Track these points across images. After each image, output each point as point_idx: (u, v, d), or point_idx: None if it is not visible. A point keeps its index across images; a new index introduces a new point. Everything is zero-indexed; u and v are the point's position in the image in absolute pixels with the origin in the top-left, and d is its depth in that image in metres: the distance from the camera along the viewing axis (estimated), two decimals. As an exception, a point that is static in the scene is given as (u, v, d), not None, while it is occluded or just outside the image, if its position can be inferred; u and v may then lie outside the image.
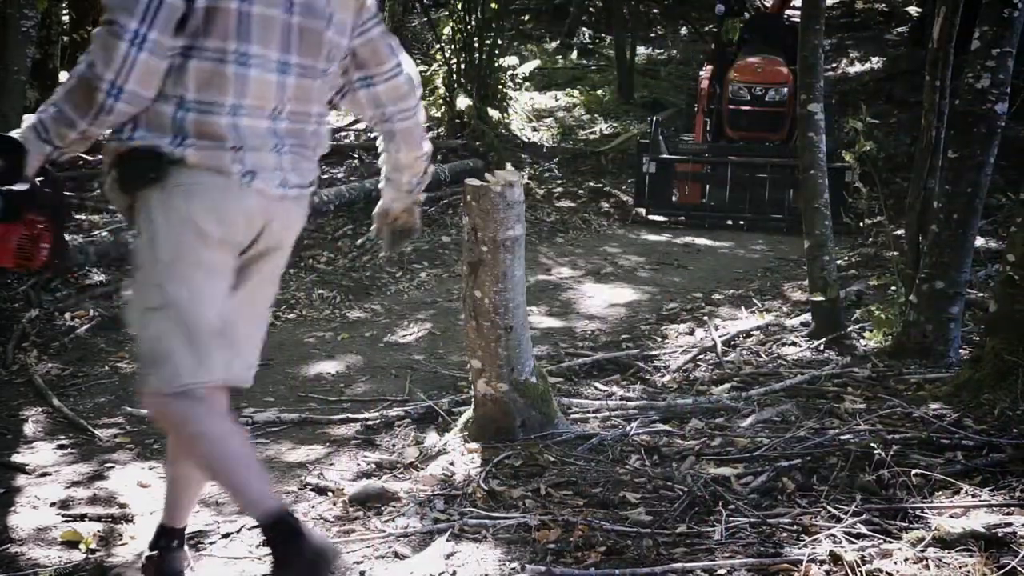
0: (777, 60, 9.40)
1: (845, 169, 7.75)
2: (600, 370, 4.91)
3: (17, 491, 3.67)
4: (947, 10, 4.72)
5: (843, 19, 17.20)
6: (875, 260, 7.27)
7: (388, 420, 4.25)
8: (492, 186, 3.54)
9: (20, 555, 3.15)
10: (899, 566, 2.53)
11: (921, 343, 4.54)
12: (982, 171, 4.34)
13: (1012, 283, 3.83)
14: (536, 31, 18.28)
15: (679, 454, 3.56)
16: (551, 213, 9.11)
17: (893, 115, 11.63)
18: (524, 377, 3.70)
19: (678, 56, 16.37)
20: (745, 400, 4.16)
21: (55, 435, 4.31)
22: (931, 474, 3.09)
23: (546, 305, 6.46)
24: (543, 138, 11.99)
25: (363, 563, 2.91)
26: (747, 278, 7.24)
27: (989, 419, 3.57)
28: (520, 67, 13.71)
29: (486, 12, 11.32)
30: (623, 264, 7.62)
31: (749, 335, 5.38)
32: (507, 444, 3.63)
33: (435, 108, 11.85)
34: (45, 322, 5.69)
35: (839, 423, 3.77)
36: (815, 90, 5.29)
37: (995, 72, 4.24)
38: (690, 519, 2.97)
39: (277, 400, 4.68)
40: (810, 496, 3.09)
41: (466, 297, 3.69)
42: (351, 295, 6.54)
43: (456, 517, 3.07)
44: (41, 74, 9.38)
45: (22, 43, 6.68)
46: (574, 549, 2.79)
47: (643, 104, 13.79)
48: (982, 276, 5.98)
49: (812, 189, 5.28)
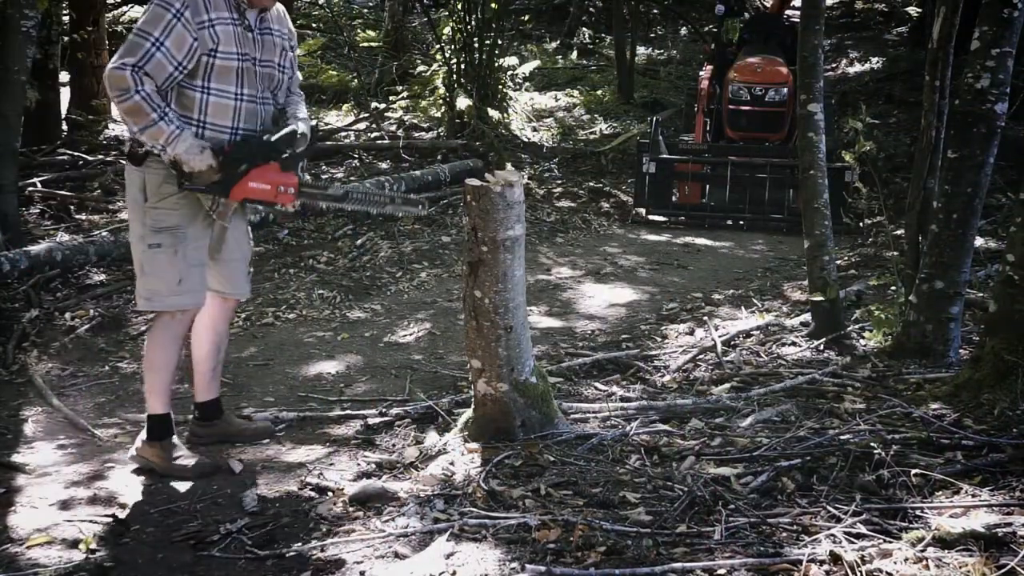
0: (777, 60, 9.40)
1: (845, 169, 7.77)
2: (600, 370, 4.91)
3: (17, 491, 3.68)
4: (947, 10, 4.72)
5: (843, 19, 17.21)
6: (875, 260, 7.27)
7: (388, 420, 4.26)
8: (492, 186, 3.54)
9: (20, 555, 3.15)
10: (899, 566, 2.54)
11: (921, 343, 4.54)
12: (982, 171, 4.34)
13: (1012, 283, 3.83)
14: (536, 31, 18.29)
15: (679, 454, 3.56)
16: (551, 213, 9.11)
17: (893, 115, 11.64)
18: (524, 377, 3.71)
19: (678, 56, 16.38)
20: (745, 400, 4.16)
21: (55, 435, 4.32)
22: (931, 474, 3.09)
23: (546, 305, 6.46)
24: (543, 138, 11.99)
25: (363, 563, 2.91)
26: (747, 278, 7.24)
27: (989, 419, 3.57)
28: (520, 67, 13.71)
29: (486, 12, 11.33)
30: (623, 264, 7.62)
31: (749, 335, 5.38)
32: (507, 444, 3.63)
33: (435, 108, 11.87)
34: (45, 322, 5.70)
35: (839, 423, 3.77)
36: (815, 90, 5.29)
37: (995, 72, 4.24)
38: (690, 519, 2.97)
39: (277, 400, 4.69)
40: (810, 496, 3.09)
41: (466, 297, 3.69)
42: (351, 295, 6.54)
43: (456, 517, 3.07)
44: (41, 74, 9.38)
45: (22, 43, 6.68)
46: (574, 549, 2.80)
47: (643, 104, 13.80)
48: (982, 276, 5.98)
49: (812, 189, 5.28)
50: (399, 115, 12.12)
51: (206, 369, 4.05)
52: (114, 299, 6.12)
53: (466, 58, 11.43)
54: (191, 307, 3.76)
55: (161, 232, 3.62)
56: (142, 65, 3.43)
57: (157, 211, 3.62)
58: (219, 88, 3.60)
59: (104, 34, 11.11)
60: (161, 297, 3.69)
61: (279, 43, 3.77)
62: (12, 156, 6.79)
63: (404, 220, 8.16)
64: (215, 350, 4.05)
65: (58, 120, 10.25)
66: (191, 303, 3.74)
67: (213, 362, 4.05)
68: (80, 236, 7.10)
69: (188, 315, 3.79)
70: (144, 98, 3.43)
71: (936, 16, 4.78)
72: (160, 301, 3.70)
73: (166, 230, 3.62)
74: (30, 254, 6.06)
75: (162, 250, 3.62)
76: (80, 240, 6.65)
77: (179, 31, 3.46)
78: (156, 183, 3.60)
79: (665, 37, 18.07)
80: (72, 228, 7.63)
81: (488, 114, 11.31)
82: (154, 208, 3.61)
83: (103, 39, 11.01)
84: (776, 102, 9.20)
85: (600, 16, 18.89)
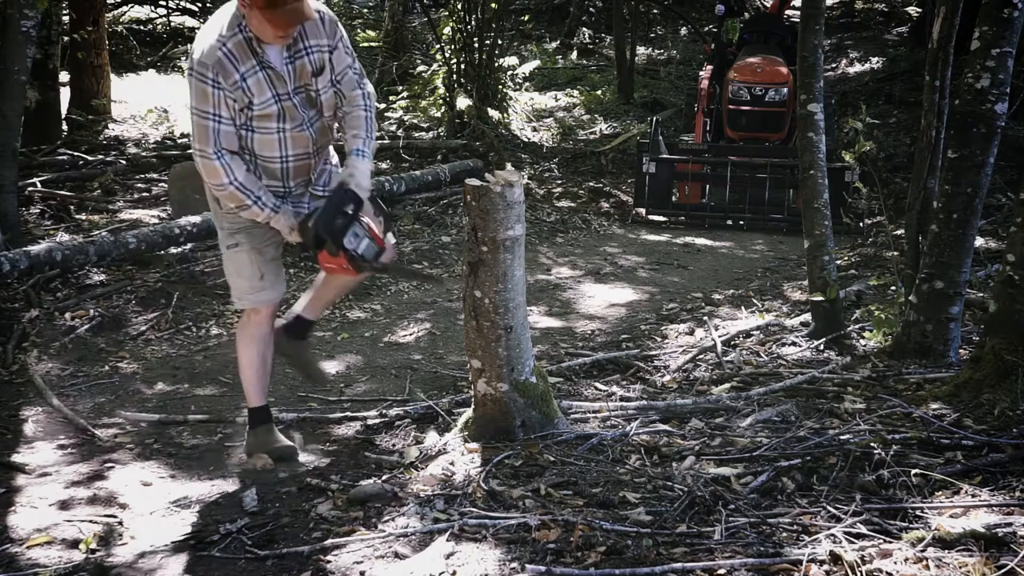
0: (777, 60, 9.40)
1: (845, 169, 7.79)
2: (600, 370, 4.91)
3: (17, 491, 3.68)
4: (947, 10, 4.71)
5: (843, 19, 17.21)
6: (875, 260, 7.26)
7: (388, 420, 4.26)
8: (492, 186, 3.54)
9: (20, 555, 3.15)
10: (899, 566, 2.54)
11: (921, 343, 4.54)
12: (982, 171, 4.34)
13: (1012, 283, 3.83)
14: (536, 31, 18.28)
15: (679, 454, 3.56)
16: (551, 213, 9.11)
17: (893, 115, 11.63)
18: (524, 377, 3.71)
19: (678, 56, 16.37)
20: (745, 400, 4.16)
21: (55, 435, 4.32)
22: (931, 474, 3.09)
23: (546, 305, 6.46)
24: (543, 138, 11.98)
25: (363, 563, 2.91)
26: (747, 278, 7.24)
27: (989, 419, 3.57)
28: (520, 67, 13.70)
29: (486, 12, 11.32)
30: (623, 264, 7.62)
31: (749, 335, 5.38)
32: (507, 444, 3.63)
33: (435, 108, 11.86)
34: (45, 322, 5.70)
35: (839, 423, 3.77)
36: (815, 90, 5.29)
37: (995, 72, 4.24)
38: (690, 519, 2.97)
39: (277, 400, 4.68)
40: (810, 496, 3.09)
41: (466, 297, 3.69)
42: (351, 295, 6.53)
43: (456, 517, 3.07)
44: (41, 74, 9.38)
45: (22, 43, 6.68)
46: (574, 549, 2.80)
47: (643, 104, 13.78)
48: (982, 276, 5.98)
49: (812, 189, 5.28)
50: (399, 115, 12.11)
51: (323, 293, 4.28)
52: (114, 299, 6.12)
53: (466, 58, 11.42)
54: (273, 301, 3.97)
55: (237, 232, 3.85)
56: (220, 145, 3.60)
57: (230, 215, 3.82)
58: (262, 127, 3.68)
59: (104, 34, 11.11)
60: (246, 295, 3.93)
61: (315, 60, 3.69)
62: (12, 156, 6.78)
63: (404, 220, 8.17)
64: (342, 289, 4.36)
65: (58, 120, 10.25)
66: (273, 297, 3.96)
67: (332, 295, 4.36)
68: (80, 236, 7.10)
69: (264, 315, 3.97)
70: (238, 188, 3.64)
71: (936, 16, 4.77)
72: (247, 299, 3.93)
73: (241, 230, 3.84)
74: (30, 254, 6.06)
75: (240, 249, 3.87)
76: (80, 240, 6.64)
77: (223, 99, 3.56)
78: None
79: (665, 37, 18.06)
80: (72, 228, 7.63)
81: (488, 114, 11.31)
82: (228, 212, 3.82)
83: (103, 39, 11.00)
84: (776, 102, 9.20)
85: (600, 16, 18.88)
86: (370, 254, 3.80)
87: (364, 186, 3.76)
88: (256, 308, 3.94)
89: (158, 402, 4.78)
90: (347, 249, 3.74)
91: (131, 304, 6.07)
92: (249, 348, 3.98)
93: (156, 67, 15.25)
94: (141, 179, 9.20)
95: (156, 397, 4.85)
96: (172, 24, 17.75)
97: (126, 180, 9.06)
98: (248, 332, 3.99)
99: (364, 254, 3.79)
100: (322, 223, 3.71)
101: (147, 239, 6.65)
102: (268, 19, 3.45)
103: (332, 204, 3.73)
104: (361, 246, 3.78)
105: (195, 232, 6.94)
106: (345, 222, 3.72)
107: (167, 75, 14.75)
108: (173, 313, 5.96)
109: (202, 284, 6.48)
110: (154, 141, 10.53)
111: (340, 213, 3.71)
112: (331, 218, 3.71)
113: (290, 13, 3.44)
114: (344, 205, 3.72)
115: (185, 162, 8.68)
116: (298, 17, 3.48)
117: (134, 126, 11.35)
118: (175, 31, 17.38)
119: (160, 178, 9.08)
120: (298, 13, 3.46)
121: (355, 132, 3.81)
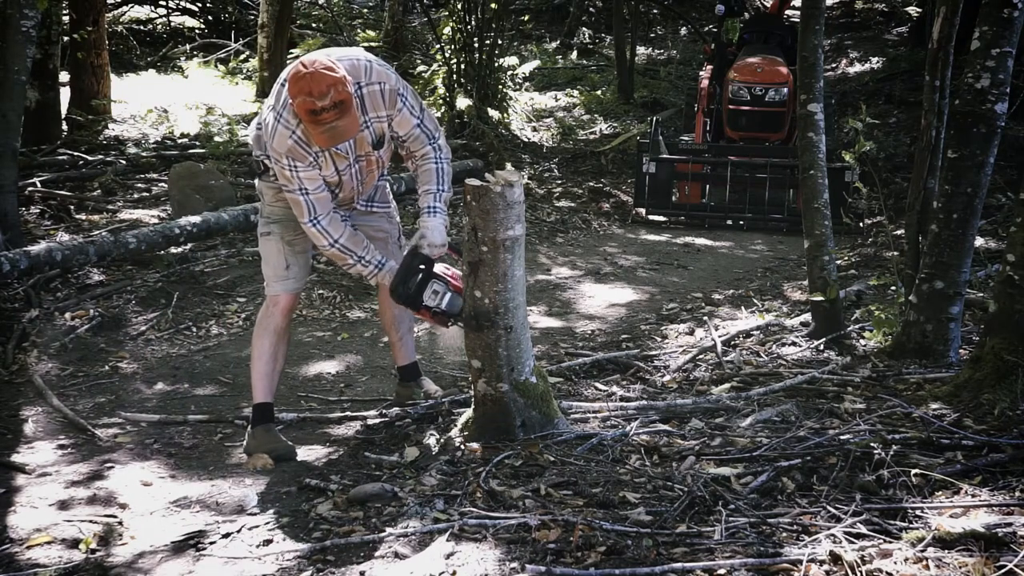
0: (777, 60, 9.40)
1: (845, 169, 7.79)
2: (600, 370, 4.91)
3: (17, 491, 3.68)
4: (947, 10, 4.71)
5: (843, 19, 17.23)
6: (875, 260, 7.26)
7: (388, 420, 4.26)
8: (492, 186, 3.54)
9: (20, 555, 3.15)
10: (899, 566, 2.53)
11: (921, 343, 4.54)
12: (982, 171, 4.33)
13: (1012, 283, 3.83)
14: (536, 31, 18.30)
15: (679, 454, 3.56)
16: (551, 213, 9.11)
17: (893, 115, 11.64)
18: (524, 377, 3.71)
19: (678, 56, 16.37)
20: (745, 400, 4.16)
21: (55, 435, 4.32)
22: (931, 474, 3.09)
23: (546, 305, 6.46)
24: (543, 138, 11.99)
25: (363, 563, 2.91)
26: (747, 278, 7.24)
27: (989, 419, 3.56)
28: (520, 67, 13.71)
29: (486, 12, 11.33)
30: (623, 264, 7.63)
31: (749, 335, 5.38)
32: (507, 444, 3.63)
33: (435, 108, 11.86)
34: (45, 322, 5.70)
35: (839, 423, 3.77)
36: (815, 90, 5.28)
37: (995, 72, 4.24)
38: (690, 519, 2.97)
39: (277, 400, 4.66)
40: (810, 496, 3.09)
41: (466, 297, 3.69)
42: (351, 295, 6.54)
43: (456, 517, 3.07)
44: (41, 74, 9.38)
45: (22, 43, 6.67)
46: (574, 549, 2.79)
47: (643, 104, 13.79)
48: (982, 276, 5.97)
49: (812, 189, 5.27)
50: (399, 115, 12.11)
51: (394, 339, 4.45)
52: (114, 299, 6.12)
53: (466, 58, 11.42)
54: (293, 292, 4.11)
55: (273, 222, 4.07)
56: (317, 214, 3.85)
57: (271, 207, 4.07)
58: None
59: (104, 34, 11.11)
60: (272, 281, 4.10)
61: (375, 131, 3.88)
62: (12, 156, 6.78)
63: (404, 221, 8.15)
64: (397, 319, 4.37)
65: (58, 120, 10.25)
66: (296, 287, 4.12)
67: (399, 331, 4.42)
68: (80, 236, 7.10)
69: (283, 305, 4.08)
70: (340, 249, 3.91)
71: (936, 16, 4.77)
72: (271, 286, 4.10)
73: (277, 220, 4.06)
74: (30, 254, 6.05)
75: (272, 237, 4.08)
76: (80, 240, 6.64)
77: (305, 174, 3.78)
78: (272, 193, 4.03)
79: (665, 37, 18.07)
80: (72, 228, 7.64)
81: (488, 114, 11.31)
82: (269, 206, 4.07)
83: (103, 39, 11.01)
84: (776, 102, 9.20)
85: (600, 16, 18.89)
86: (454, 307, 3.91)
87: (437, 243, 3.89)
88: (277, 297, 4.07)
89: (158, 402, 4.78)
90: (428, 307, 3.93)
91: (131, 304, 6.07)
92: (263, 339, 4.09)
93: (156, 67, 15.26)
94: (141, 179, 9.20)
95: (156, 397, 4.85)
96: (172, 24, 17.77)
97: (126, 180, 9.07)
98: (265, 323, 4.11)
99: (447, 309, 3.93)
100: (393, 289, 3.93)
101: (147, 239, 6.66)
102: (312, 132, 3.64)
103: (403, 269, 3.91)
104: (444, 302, 3.93)
105: (195, 232, 6.94)
106: (420, 283, 3.90)
107: (167, 75, 14.76)
108: (173, 313, 5.96)
109: (202, 284, 6.48)
110: (154, 141, 10.52)
111: (411, 276, 3.90)
112: (400, 283, 3.91)
113: (331, 131, 3.61)
114: (414, 268, 3.90)
115: (185, 162, 8.69)
116: (340, 136, 3.66)
117: (134, 126, 11.35)
118: (175, 31, 17.40)
119: (160, 178, 9.08)
120: (339, 132, 3.63)
121: (427, 187, 3.97)
